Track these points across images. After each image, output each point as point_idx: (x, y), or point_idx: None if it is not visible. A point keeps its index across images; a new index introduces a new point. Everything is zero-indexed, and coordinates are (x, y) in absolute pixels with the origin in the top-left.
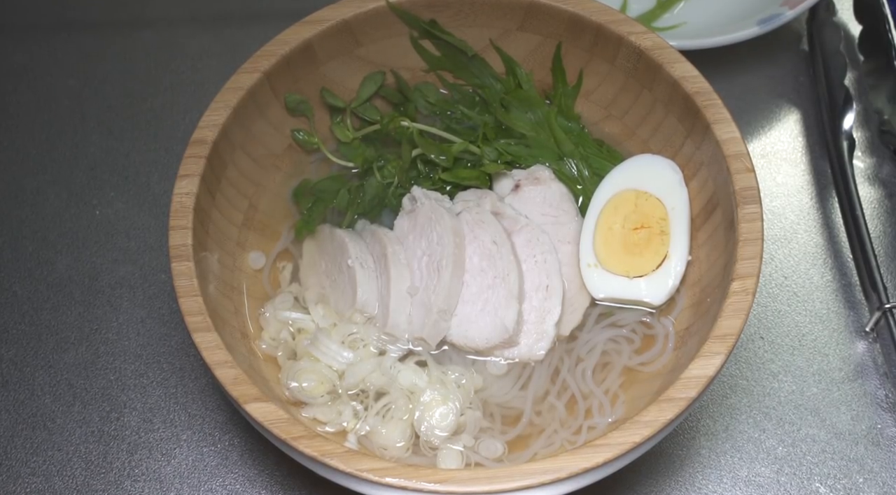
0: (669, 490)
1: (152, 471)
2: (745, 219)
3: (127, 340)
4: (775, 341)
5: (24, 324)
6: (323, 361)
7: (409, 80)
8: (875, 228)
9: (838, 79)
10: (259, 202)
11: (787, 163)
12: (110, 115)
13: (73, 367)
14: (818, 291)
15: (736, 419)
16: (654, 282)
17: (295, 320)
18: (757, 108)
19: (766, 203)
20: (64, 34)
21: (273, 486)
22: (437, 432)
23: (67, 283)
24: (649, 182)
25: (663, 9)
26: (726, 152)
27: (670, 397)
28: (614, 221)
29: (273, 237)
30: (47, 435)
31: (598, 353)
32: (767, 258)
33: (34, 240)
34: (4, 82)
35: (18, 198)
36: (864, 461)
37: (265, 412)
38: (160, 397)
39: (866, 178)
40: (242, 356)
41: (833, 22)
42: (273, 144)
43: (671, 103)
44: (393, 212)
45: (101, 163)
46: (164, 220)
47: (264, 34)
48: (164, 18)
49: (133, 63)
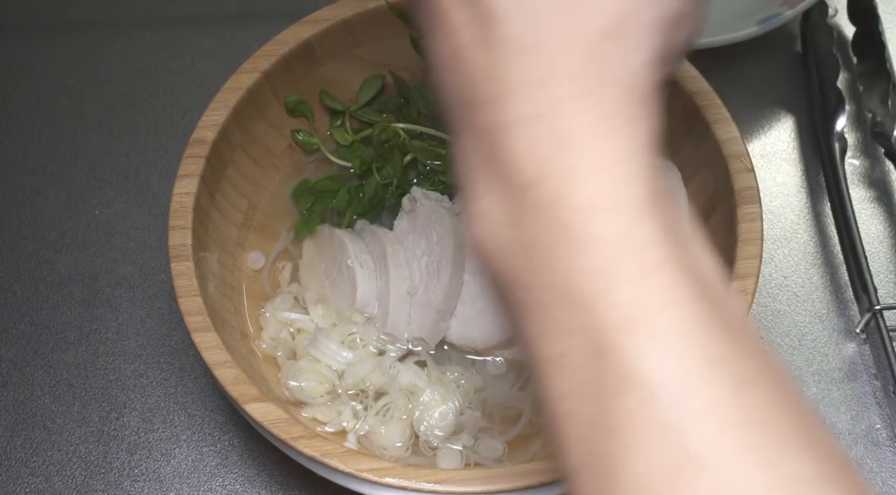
0: None
1: (152, 471)
2: (744, 219)
3: (126, 340)
4: (775, 341)
5: (24, 324)
6: (323, 361)
7: (409, 81)
8: (867, 229)
9: (831, 80)
10: (259, 202)
11: (787, 164)
12: (110, 115)
13: (72, 367)
14: (818, 291)
15: None
16: None
17: (294, 320)
18: (757, 108)
19: (766, 203)
20: (64, 34)
21: (273, 486)
22: (437, 432)
23: (67, 283)
24: None
25: None
26: (726, 152)
27: None
28: None
29: (273, 237)
30: (47, 435)
31: None
32: (767, 258)
33: (34, 240)
34: (4, 82)
35: (18, 198)
36: (864, 461)
37: (265, 412)
38: (160, 397)
39: (859, 179)
40: (242, 356)
41: (826, 23)
42: (273, 144)
43: (671, 103)
44: (392, 212)
45: (101, 163)
46: (163, 220)
47: (264, 34)
48: (164, 18)
49: (133, 63)
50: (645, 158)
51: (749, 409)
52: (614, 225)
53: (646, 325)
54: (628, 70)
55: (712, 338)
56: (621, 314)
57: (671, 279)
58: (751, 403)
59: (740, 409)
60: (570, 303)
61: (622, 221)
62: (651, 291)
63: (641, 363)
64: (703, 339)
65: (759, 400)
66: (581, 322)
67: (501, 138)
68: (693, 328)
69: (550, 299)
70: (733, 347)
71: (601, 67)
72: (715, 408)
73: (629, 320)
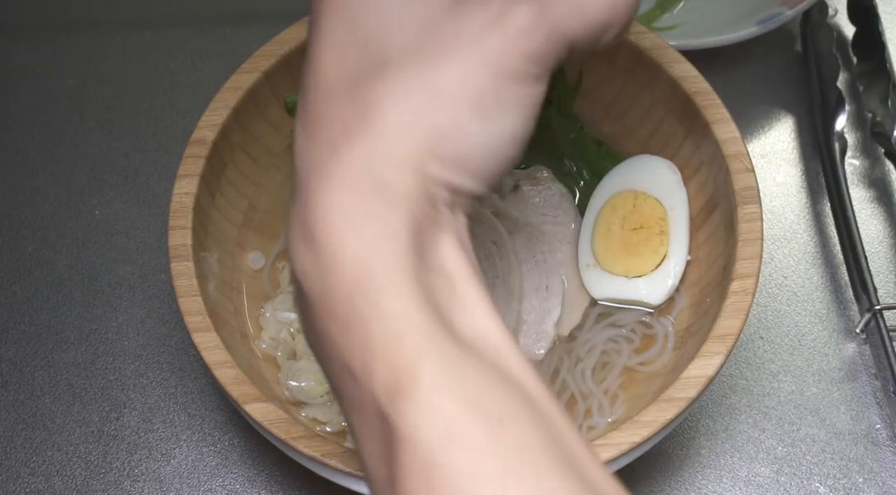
0: (669, 490)
1: (152, 471)
2: (744, 219)
3: (126, 340)
4: (775, 341)
5: (24, 324)
6: None
7: None
8: (867, 229)
9: (831, 80)
10: (259, 202)
11: (787, 164)
12: (110, 115)
13: (72, 367)
14: (818, 291)
15: (736, 419)
16: (653, 282)
17: (294, 320)
18: (757, 108)
19: (766, 203)
20: (64, 34)
21: (273, 486)
22: None
23: (67, 283)
24: (648, 182)
25: (663, 9)
26: (726, 152)
27: (670, 397)
28: (613, 222)
29: (273, 237)
30: (47, 435)
31: (598, 353)
32: (767, 258)
33: (34, 240)
34: (4, 82)
35: (18, 198)
36: (864, 461)
37: (265, 412)
38: (160, 397)
39: (859, 180)
40: (242, 356)
41: (826, 23)
42: (273, 144)
43: (671, 103)
44: None
45: (101, 163)
46: (163, 220)
47: (264, 34)
48: (164, 18)
49: (133, 63)
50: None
51: (505, 441)
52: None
53: (405, 387)
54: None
55: (465, 385)
56: (388, 380)
57: (425, 343)
58: (507, 436)
59: (496, 442)
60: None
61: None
62: (408, 355)
63: (405, 421)
64: (457, 388)
65: (515, 432)
66: (361, 392)
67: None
68: (445, 381)
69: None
70: (488, 391)
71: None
72: (471, 445)
73: (393, 385)
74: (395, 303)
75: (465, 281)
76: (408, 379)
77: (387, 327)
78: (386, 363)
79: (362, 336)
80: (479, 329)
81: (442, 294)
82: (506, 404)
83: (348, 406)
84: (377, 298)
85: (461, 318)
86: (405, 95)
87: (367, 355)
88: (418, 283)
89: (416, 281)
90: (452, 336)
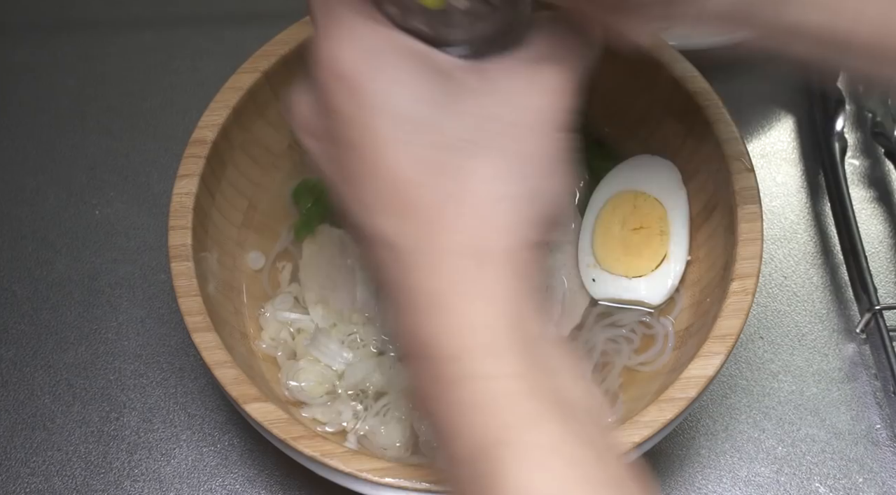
0: (669, 490)
1: (152, 471)
2: (744, 219)
3: (126, 340)
4: (775, 341)
5: (24, 324)
6: (323, 361)
7: None
8: (867, 230)
9: (831, 80)
10: (259, 202)
11: (787, 164)
12: (110, 115)
13: (72, 367)
14: (818, 291)
15: (736, 419)
16: (653, 282)
17: (294, 320)
18: (757, 108)
19: (766, 203)
20: (64, 34)
21: (273, 486)
22: None
23: (67, 283)
24: (648, 182)
25: None
26: (726, 152)
27: (670, 397)
28: (613, 222)
29: (273, 237)
30: (47, 435)
31: (598, 353)
32: (767, 258)
33: (34, 240)
34: (4, 82)
35: (18, 198)
36: (864, 461)
37: (265, 412)
38: (160, 397)
39: (859, 180)
40: (242, 356)
41: None
42: (273, 144)
43: (671, 103)
44: None
45: (101, 162)
46: (163, 220)
47: (264, 34)
48: (164, 18)
49: (133, 63)
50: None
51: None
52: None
53: (517, 444)
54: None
55: (573, 449)
56: (498, 435)
57: (537, 406)
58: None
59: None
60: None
61: (497, 363)
62: (521, 416)
63: (514, 473)
64: (567, 451)
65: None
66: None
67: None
68: (555, 443)
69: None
70: (594, 459)
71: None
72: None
73: (504, 440)
74: (505, 368)
75: (558, 347)
76: (518, 436)
77: (502, 387)
78: (496, 419)
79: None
80: (574, 392)
81: (546, 360)
82: (604, 472)
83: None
84: (485, 361)
85: (559, 382)
86: (492, 169)
87: (476, 411)
88: (526, 349)
89: (525, 347)
90: (557, 400)
